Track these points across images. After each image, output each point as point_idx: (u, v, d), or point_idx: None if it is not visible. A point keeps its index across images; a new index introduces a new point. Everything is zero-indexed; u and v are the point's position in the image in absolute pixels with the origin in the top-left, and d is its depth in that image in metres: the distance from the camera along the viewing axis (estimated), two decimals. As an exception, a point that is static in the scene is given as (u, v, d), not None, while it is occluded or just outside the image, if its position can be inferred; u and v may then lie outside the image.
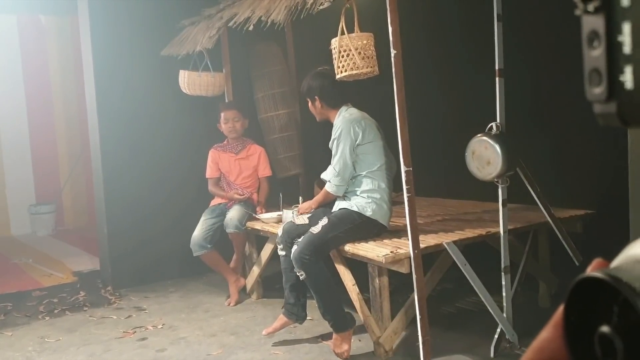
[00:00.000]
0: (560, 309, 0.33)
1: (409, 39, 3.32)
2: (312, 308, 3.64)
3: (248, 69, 5.14)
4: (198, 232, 4.45)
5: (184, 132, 5.21)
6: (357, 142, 3.41)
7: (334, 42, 3.26)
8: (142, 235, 5.10)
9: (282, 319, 3.62)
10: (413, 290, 2.90)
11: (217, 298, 4.60)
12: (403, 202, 2.88)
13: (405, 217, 2.89)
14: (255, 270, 4.48)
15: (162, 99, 5.12)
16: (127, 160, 5.07)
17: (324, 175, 3.60)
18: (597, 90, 0.27)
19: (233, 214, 4.42)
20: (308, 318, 3.71)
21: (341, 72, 3.27)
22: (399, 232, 3.54)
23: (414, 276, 2.86)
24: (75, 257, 6.24)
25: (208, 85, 4.81)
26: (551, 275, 3.92)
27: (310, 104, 3.68)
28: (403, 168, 2.86)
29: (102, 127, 5.02)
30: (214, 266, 4.52)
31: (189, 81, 4.77)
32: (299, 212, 3.81)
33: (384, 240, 3.39)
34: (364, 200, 3.44)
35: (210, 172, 4.70)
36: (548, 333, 0.33)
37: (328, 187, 3.53)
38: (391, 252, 3.09)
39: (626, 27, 0.25)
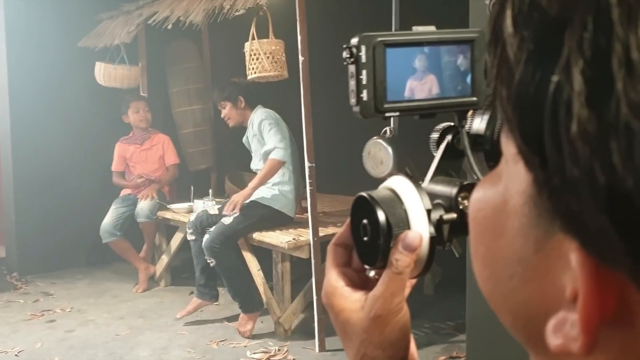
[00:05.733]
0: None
1: (322, 44, 3.62)
2: (221, 293, 3.86)
3: (164, 64, 5.28)
4: (108, 219, 4.56)
5: (94, 122, 5.24)
6: None
7: (246, 46, 3.55)
8: (50, 223, 5.12)
9: (195, 301, 3.81)
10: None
11: (125, 285, 4.72)
12: (306, 196, 3.20)
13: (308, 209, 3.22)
14: (164, 259, 4.64)
15: (76, 89, 5.16)
16: (38, 148, 5.08)
17: (265, 151, 3.59)
18: (352, 100, 0.54)
19: (144, 204, 4.57)
20: (215, 303, 3.93)
21: (251, 73, 3.56)
22: (302, 223, 3.84)
23: (312, 261, 3.19)
24: (-24, 244, 6.11)
25: (123, 78, 4.94)
26: (436, 266, 4.36)
27: (230, 106, 3.82)
28: (307, 164, 3.18)
29: (13, 115, 5.02)
30: (123, 254, 4.64)
31: (104, 73, 4.88)
32: (232, 207, 3.63)
33: (289, 230, 3.70)
34: (272, 192, 3.71)
35: (115, 166, 4.84)
36: (343, 229, 0.57)
37: (276, 154, 3.53)
38: (293, 239, 3.41)
39: (364, 72, 0.53)
